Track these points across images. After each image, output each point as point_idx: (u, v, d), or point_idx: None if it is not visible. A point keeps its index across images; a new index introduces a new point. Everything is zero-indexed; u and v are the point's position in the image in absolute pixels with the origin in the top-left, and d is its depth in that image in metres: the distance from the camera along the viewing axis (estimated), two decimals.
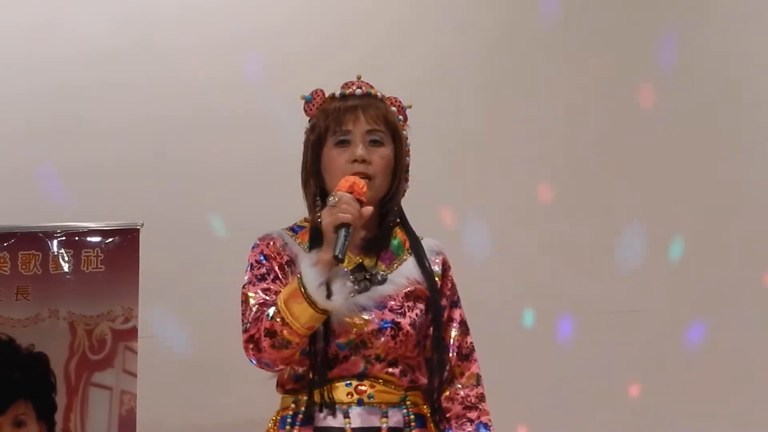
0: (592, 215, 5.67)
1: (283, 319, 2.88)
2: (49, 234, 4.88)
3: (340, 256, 2.85)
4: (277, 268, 3.05)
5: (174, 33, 5.65)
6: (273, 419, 3.07)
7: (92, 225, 4.94)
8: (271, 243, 3.09)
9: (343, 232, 2.86)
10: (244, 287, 3.05)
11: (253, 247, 3.11)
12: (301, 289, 2.87)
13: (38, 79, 5.52)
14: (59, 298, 4.84)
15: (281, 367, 2.99)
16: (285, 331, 2.89)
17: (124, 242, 4.90)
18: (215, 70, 5.61)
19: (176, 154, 5.54)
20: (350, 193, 2.92)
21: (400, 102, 3.19)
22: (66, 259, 4.87)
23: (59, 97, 5.52)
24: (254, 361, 2.99)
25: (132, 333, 4.84)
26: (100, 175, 5.46)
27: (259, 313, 2.95)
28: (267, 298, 2.98)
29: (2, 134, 5.49)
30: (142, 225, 4.91)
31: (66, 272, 4.87)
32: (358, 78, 3.18)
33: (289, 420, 3.00)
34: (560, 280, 5.61)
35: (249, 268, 3.07)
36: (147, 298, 4.92)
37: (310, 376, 2.98)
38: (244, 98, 5.57)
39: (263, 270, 3.05)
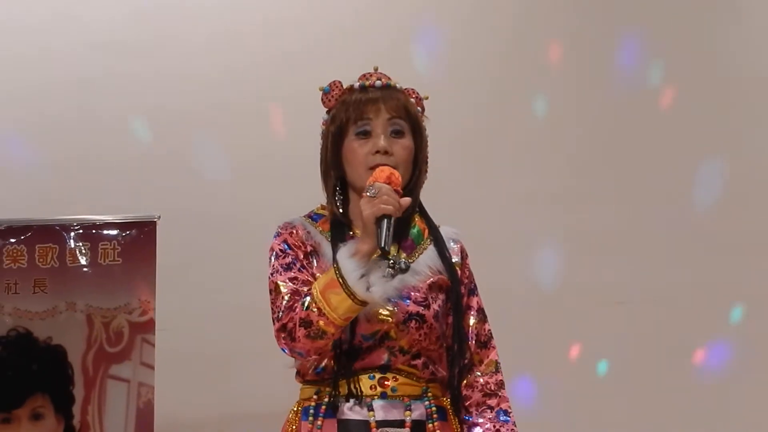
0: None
1: (320, 309, 2.87)
2: (66, 227, 4.89)
3: (386, 247, 2.83)
4: (302, 256, 3.04)
5: (189, 25, 5.65)
6: (293, 410, 3.06)
7: (109, 218, 4.94)
8: (294, 232, 3.08)
9: (385, 223, 2.85)
10: (272, 276, 3.02)
11: (275, 236, 3.09)
12: (339, 280, 2.85)
13: (55, 72, 5.54)
14: (76, 290, 4.84)
15: (314, 357, 2.97)
16: (321, 322, 2.87)
17: (141, 235, 4.90)
18: (231, 63, 5.61)
19: (193, 147, 5.54)
20: (388, 183, 2.91)
21: (417, 93, 3.19)
22: (83, 251, 4.88)
23: (77, 89, 5.53)
24: (286, 351, 2.97)
25: (149, 325, 4.84)
26: (117, 167, 5.47)
27: (291, 302, 2.93)
28: (297, 286, 2.96)
29: (19, 127, 5.50)
30: (159, 217, 4.91)
31: (83, 265, 4.87)
32: (376, 69, 3.17)
33: (311, 411, 2.98)
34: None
35: (274, 257, 3.05)
36: (164, 291, 4.92)
37: (334, 367, 2.97)
38: (260, 91, 5.57)
39: (288, 259, 3.03)
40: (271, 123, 5.53)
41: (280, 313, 2.94)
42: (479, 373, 3.08)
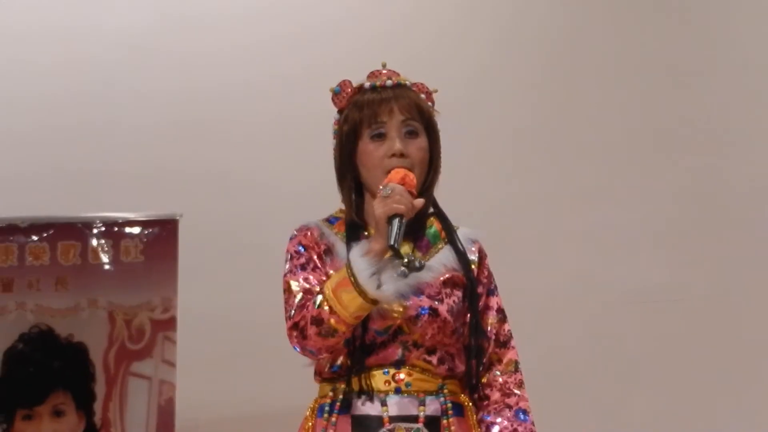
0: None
1: (331, 307, 2.88)
2: (89, 225, 4.91)
3: (396, 245, 2.84)
4: (315, 257, 3.05)
5: (213, 33, 5.67)
6: (311, 407, 3.06)
7: (131, 216, 4.95)
8: (309, 233, 3.08)
9: (396, 222, 2.86)
10: (285, 276, 3.04)
11: (291, 238, 3.10)
12: (351, 278, 2.86)
13: (79, 78, 5.56)
14: (98, 288, 4.86)
15: (325, 355, 2.98)
16: (332, 320, 2.88)
17: (163, 233, 4.91)
18: (255, 70, 5.62)
19: (214, 146, 5.55)
20: (402, 184, 2.92)
21: (426, 87, 3.16)
22: (105, 249, 4.89)
23: (100, 92, 5.55)
24: (298, 348, 2.97)
25: (171, 323, 4.85)
26: (140, 165, 5.47)
27: (304, 300, 2.95)
28: (309, 286, 2.97)
29: (44, 126, 5.52)
30: (181, 215, 4.92)
31: (105, 262, 4.89)
32: (384, 66, 3.16)
33: (327, 408, 2.98)
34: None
35: (289, 258, 3.06)
36: (186, 288, 4.93)
37: (348, 363, 2.97)
38: (282, 94, 5.58)
39: (302, 260, 3.04)
40: (296, 125, 5.52)
41: (292, 312, 2.95)
42: (498, 372, 3.07)
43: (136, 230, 4.93)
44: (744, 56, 5.86)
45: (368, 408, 2.95)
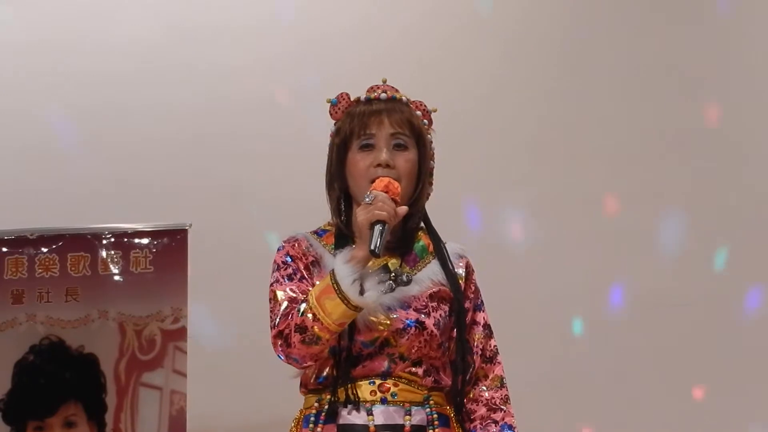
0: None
1: (314, 315, 2.89)
2: (98, 235, 4.91)
3: (377, 250, 2.86)
4: (302, 268, 3.07)
5: (229, 43, 5.68)
6: (296, 418, 3.08)
7: (141, 226, 4.95)
8: (296, 244, 3.11)
9: (378, 228, 2.88)
10: (271, 285, 3.06)
11: (278, 249, 3.13)
12: (334, 286, 2.88)
13: (86, 89, 5.57)
14: (108, 299, 4.86)
15: (309, 363, 2.99)
16: (316, 327, 2.90)
17: (173, 243, 4.91)
18: (266, 81, 5.63)
19: (224, 157, 5.55)
20: (385, 192, 2.94)
21: (425, 106, 3.18)
22: (115, 260, 4.89)
23: (108, 104, 5.56)
24: (282, 357, 2.99)
25: (181, 333, 4.85)
26: (149, 176, 5.48)
27: (288, 309, 2.97)
28: (295, 295, 2.99)
29: (52, 137, 5.53)
30: (191, 225, 4.92)
31: (115, 273, 4.89)
32: (384, 82, 3.18)
33: (312, 418, 3.00)
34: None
35: (276, 269, 3.09)
36: (196, 298, 4.93)
37: (334, 374, 2.99)
38: (293, 108, 5.59)
39: (290, 270, 3.06)
40: (303, 130, 5.53)
41: (277, 320, 2.97)
42: (485, 388, 3.10)
43: (145, 241, 4.93)
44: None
45: (354, 417, 2.96)
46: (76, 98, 5.57)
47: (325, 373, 3.01)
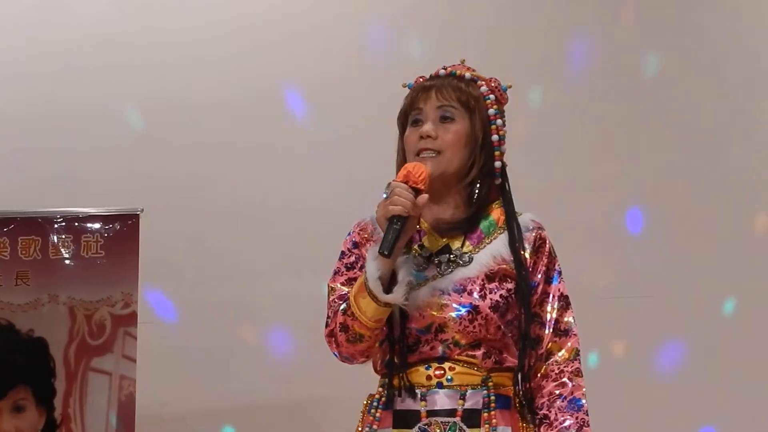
0: None
1: (353, 313, 2.90)
2: (49, 219, 4.89)
3: (386, 252, 2.82)
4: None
5: (177, 14, 5.65)
6: (365, 403, 3.07)
7: (92, 210, 4.94)
8: (363, 229, 3.08)
9: (392, 226, 2.83)
10: (332, 276, 3.06)
11: (348, 234, 3.10)
12: (365, 284, 2.88)
13: (38, 63, 5.53)
14: (59, 283, 4.85)
15: (362, 359, 3.01)
16: (355, 325, 2.91)
17: (124, 228, 4.90)
18: (222, 51, 5.61)
19: (176, 139, 5.54)
20: (405, 182, 2.89)
21: (497, 82, 3.11)
22: (66, 244, 4.88)
23: (59, 80, 5.53)
24: (336, 355, 3.01)
25: (131, 318, 4.84)
26: (100, 160, 5.46)
27: (336, 307, 2.98)
28: (346, 290, 2.98)
29: (4, 120, 5.49)
30: (142, 210, 4.91)
31: (66, 257, 4.87)
32: (462, 62, 3.14)
33: (375, 403, 3.01)
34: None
35: (340, 256, 3.07)
36: (147, 284, 4.93)
37: (393, 360, 2.99)
38: (247, 79, 5.57)
39: (352, 258, 3.05)
40: (261, 113, 5.52)
41: (329, 319, 2.99)
42: (555, 362, 3.01)
43: (96, 225, 4.91)
44: None
45: (408, 403, 2.96)
46: (25, 74, 5.52)
47: (387, 359, 3.00)
